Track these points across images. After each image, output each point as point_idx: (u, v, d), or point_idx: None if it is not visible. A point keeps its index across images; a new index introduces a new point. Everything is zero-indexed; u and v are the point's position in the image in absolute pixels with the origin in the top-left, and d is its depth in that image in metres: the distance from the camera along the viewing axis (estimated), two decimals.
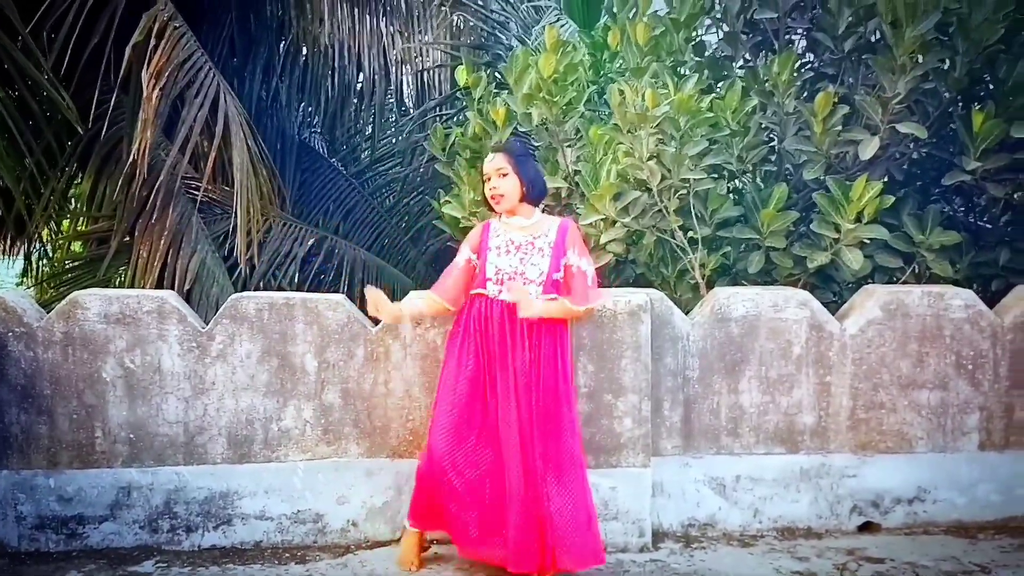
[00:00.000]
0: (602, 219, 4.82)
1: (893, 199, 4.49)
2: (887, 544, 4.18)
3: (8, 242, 7.68)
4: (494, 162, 3.73)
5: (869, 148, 4.58)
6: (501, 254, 3.72)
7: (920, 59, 4.57)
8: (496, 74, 7.05)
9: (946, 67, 4.74)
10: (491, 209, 3.85)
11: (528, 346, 3.62)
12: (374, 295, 3.70)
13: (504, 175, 3.70)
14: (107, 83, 6.02)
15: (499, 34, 8.66)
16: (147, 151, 5.56)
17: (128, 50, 5.60)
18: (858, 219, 4.45)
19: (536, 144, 5.77)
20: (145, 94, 5.53)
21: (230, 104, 6.12)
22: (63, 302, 4.01)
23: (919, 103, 4.86)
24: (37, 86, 5.88)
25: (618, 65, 5.94)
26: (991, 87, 4.94)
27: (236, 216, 5.91)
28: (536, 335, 3.64)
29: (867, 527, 4.34)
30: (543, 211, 3.91)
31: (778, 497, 4.31)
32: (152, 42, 5.66)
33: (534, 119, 5.26)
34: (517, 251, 3.71)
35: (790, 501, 4.31)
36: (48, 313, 4.03)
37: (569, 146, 5.33)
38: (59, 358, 3.95)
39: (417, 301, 3.80)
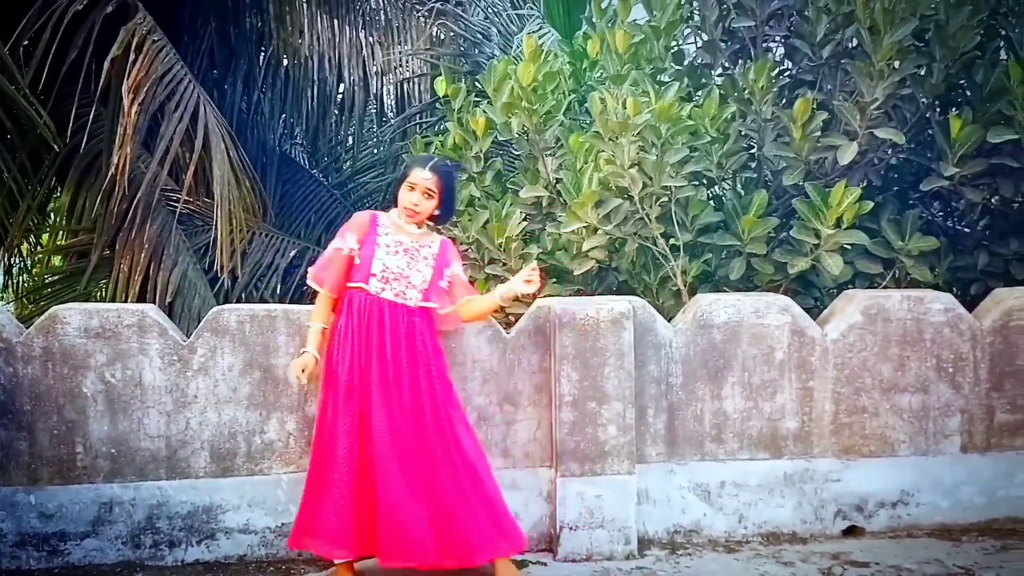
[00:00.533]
0: (584, 227, 4.82)
1: (872, 204, 4.52)
2: (871, 548, 4.20)
3: None
4: (428, 181, 3.75)
5: (848, 153, 4.61)
6: (390, 253, 3.74)
7: (897, 65, 4.61)
8: (476, 83, 7.06)
9: (923, 73, 4.78)
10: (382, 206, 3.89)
11: (411, 344, 3.68)
12: (301, 367, 3.74)
13: (430, 197, 3.77)
14: (86, 95, 6.01)
15: (480, 43, 8.68)
16: (127, 165, 5.54)
17: (107, 63, 5.58)
18: (837, 225, 4.46)
19: (516, 153, 5.78)
20: (124, 109, 5.51)
21: (210, 116, 6.11)
22: (43, 317, 3.98)
23: (897, 109, 4.89)
24: (13, 100, 5.85)
25: (598, 74, 5.96)
26: (968, 93, 4.98)
27: (217, 228, 5.89)
28: (417, 332, 3.71)
29: (851, 531, 4.36)
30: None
31: (763, 503, 4.32)
32: (131, 56, 5.65)
33: (514, 128, 5.27)
34: (405, 254, 3.76)
35: (774, 506, 4.32)
36: (28, 328, 4.00)
37: (550, 155, 5.34)
38: (39, 373, 3.92)
39: (319, 325, 3.78)
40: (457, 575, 3.70)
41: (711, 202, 5.05)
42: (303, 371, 3.72)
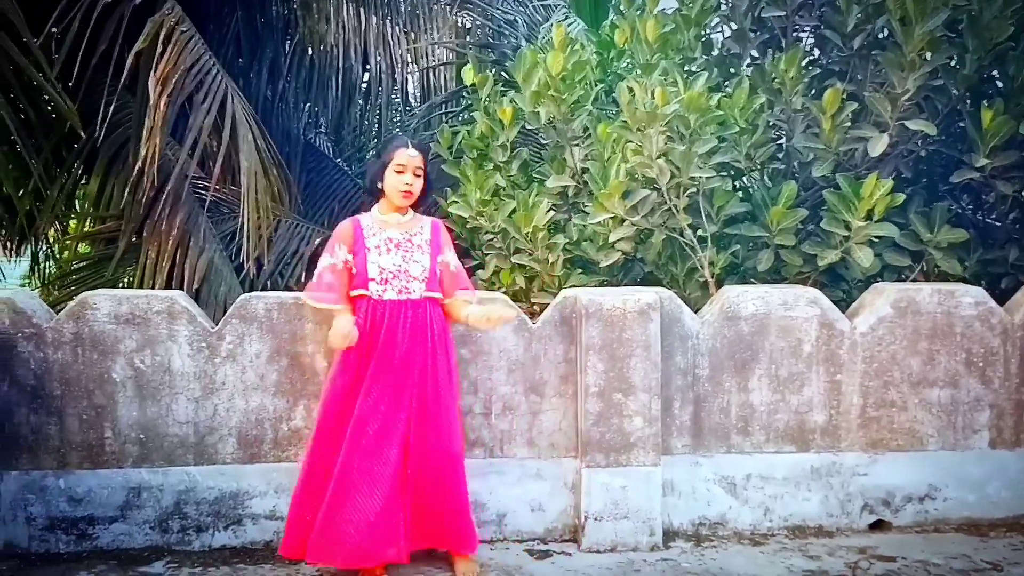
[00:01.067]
0: (611, 217, 4.80)
1: (904, 197, 4.47)
2: (898, 542, 4.18)
3: (14, 243, 7.70)
4: (416, 159, 3.72)
5: (878, 145, 4.56)
6: (382, 253, 3.70)
7: (929, 56, 4.55)
8: (503, 73, 7.04)
9: (955, 64, 4.72)
10: (377, 199, 3.85)
11: (417, 344, 3.65)
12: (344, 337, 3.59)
13: (419, 176, 3.75)
14: (114, 84, 6.02)
15: (506, 33, 8.65)
16: (155, 157, 5.55)
17: (131, 56, 5.58)
18: (868, 217, 4.43)
19: (544, 142, 5.76)
20: (151, 101, 5.51)
21: (238, 106, 6.12)
22: (72, 303, 4.01)
23: (928, 100, 4.84)
24: (41, 89, 5.88)
25: (625, 63, 5.93)
26: (1000, 84, 4.92)
27: (245, 217, 5.91)
28: (424, 324, 3.68)
29: (878, 525, 4.33)
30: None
31: (789, 496, 4.30)
32: (159, 48, 5.64)
33: (542, 117, 5.25)
34: (397, 249, 3.72)
35: (801, 500, 4.30)
36: (57, 314, 4.04)
37: (577, 145, 5.32)
38: (69, 359, 3.95)
39: (350, 316, 3.69)
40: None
41: (738, 193, 5.01)
42: (345, 335, 3.56)
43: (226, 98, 6.07)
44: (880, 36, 4.96)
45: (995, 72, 4.90)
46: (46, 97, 5.95)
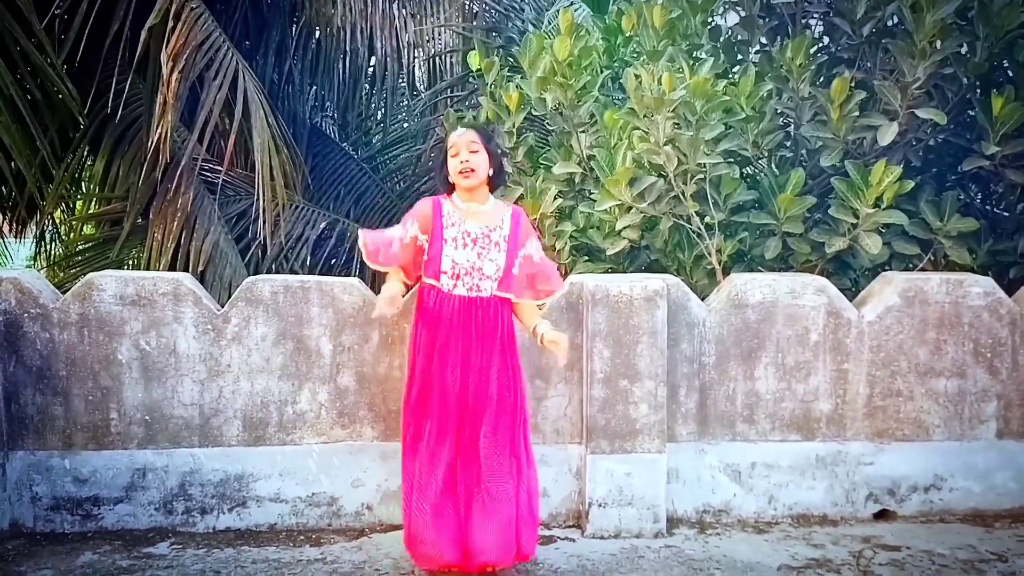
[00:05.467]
0: (618, 205, 4.78)
1: (912, 184, 4.45)
2: (903, 532, 4.17)
3: (19, 224, 7.69)
4: (466, 136, 3.60)
5: (887, 134, 4.54)
6: (458, 247, 3.56)
7: (940, 44, 4.53)
8: (509, 58, 7.01)
9: (966, 53, 4.69)
10: (450, 192, 3.72)
11: (486, 339, 3.56)
12: (392, 303, 3.54)
13: (475, 151, 3.59)
14: (123, 65, 6.01)
15: (512, 17, 8.61)
16: (168, 135, 5.53)
17: (144, 33, 5.56)
18: (877, 204, 4.41)
19: (550, 128, 5.74)
20: (164, 76, 5.48)
21: (249, 84, 6.09)
22: (79, 283, 4.01)
23: (938, 88, 4.81)
24: (43, 71, 5.87)
25: (632, 49, 5.90)
26: (1011, 73, 4.89)
27: (259, 197, 5.89)
28: (491, 325, 3.57)
29: (883, 515, 4.33)
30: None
31: (793, 484, 4.29)
32: (170, 24, 5.62)
33: (548, 103, 5.22)
34: (474, 245, 3.57)
35: (805, 488, 4.30)
36: (63, 295, 4.03)
37: (583, 131, 5.30)
38: (75, 339, 3.95)
39: (399, 285, 3.63)
40: None
41: (745, 180, 4.99)
42: (389, 300, 3.52)
43: (237, 75, 6.04)
44: (890, 24, 4.93)
45: (1006, 61, 4.88)
46: (47, 80, 5.92)
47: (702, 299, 4.34)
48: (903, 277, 4.34)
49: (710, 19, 5.38)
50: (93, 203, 8.24)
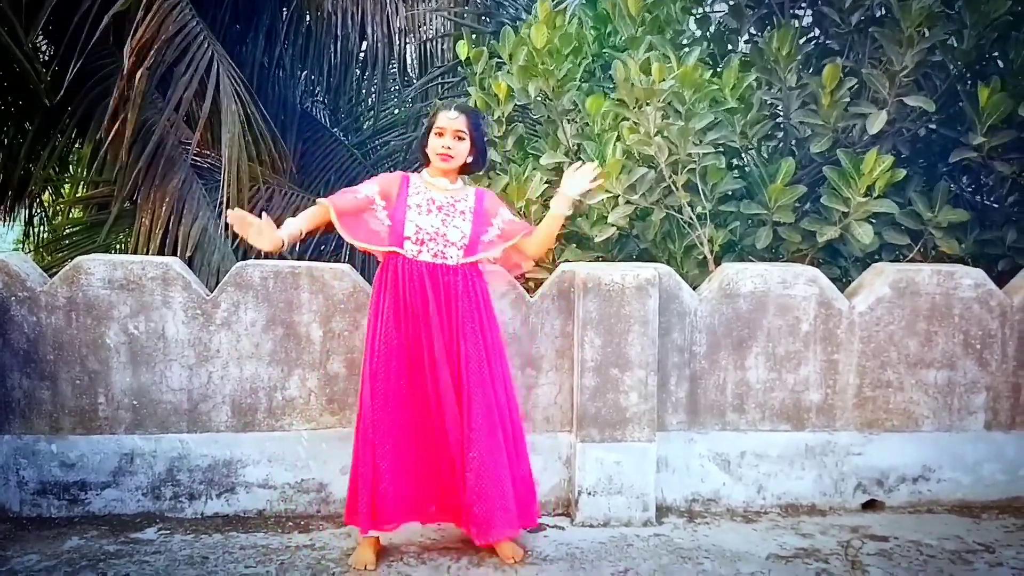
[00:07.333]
0: (609, 196, 4.75)
1: (904, 173, 4.45)
2: (891, 522, 4.18)
3: (7, 207, 7.64)
4: (456, 121, 3.58)
5: (876, 122, 4.54)
6: (422, 212, 3.57)
7: (927, 32, 4.52)
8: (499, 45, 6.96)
9: (954, 41, 4.69)
10: (426, 164, 3.71)
11: (452, 305, 3.56)
12: (238, 216, 3.44)
13: (461, 138, 3.60)
14: (107, 47, 5.95)
15: (505, 3, 8.56)
16: (132, 128, 5.44)
17: (107, 19, 5.44)
18: (868, 193, 4.41)
19: (535, 117, 5.70)
20: (125, 70, 5.34)
21: (223, 77, 6.01)
22: (67, 267, 3.98)
23: (927, 77, 4.82)
24: (35, 50, 5.80)
25: (620, 38, 5.87)
26: (1000, 63, 4.90)
27: (224, 189, 5.85)
28: (460, 292, 3.57)
29: (871, 505, 4.34)
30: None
31: (782, 474, 4.30)
32: (139, 14, 5.48)
33: (531, 92, 5.18)
34: (439, 211, 3.59)
35: (794, 478, 4.30)
36: (51, 278, 4.00)
37: (568, 120, 5.26)
38: (62, 323, 3.92)
39: (297, 222, 3.56)
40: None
41: (733, 171, 4.98)
42: (249, 233, 3.45)
43: (211, 68, 5.95)
44: (879, 13, 4.92)
45: (995, 51, 4.88)
46: (42, 59, 5.86)
47: (693, 289, 4.34)
48: (894, 268, 4.34)
49: (694, 8, 5.34)
50: (81, 187, 8.19)
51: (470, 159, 3.68)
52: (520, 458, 3.72)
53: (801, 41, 4.96)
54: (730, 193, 4.80)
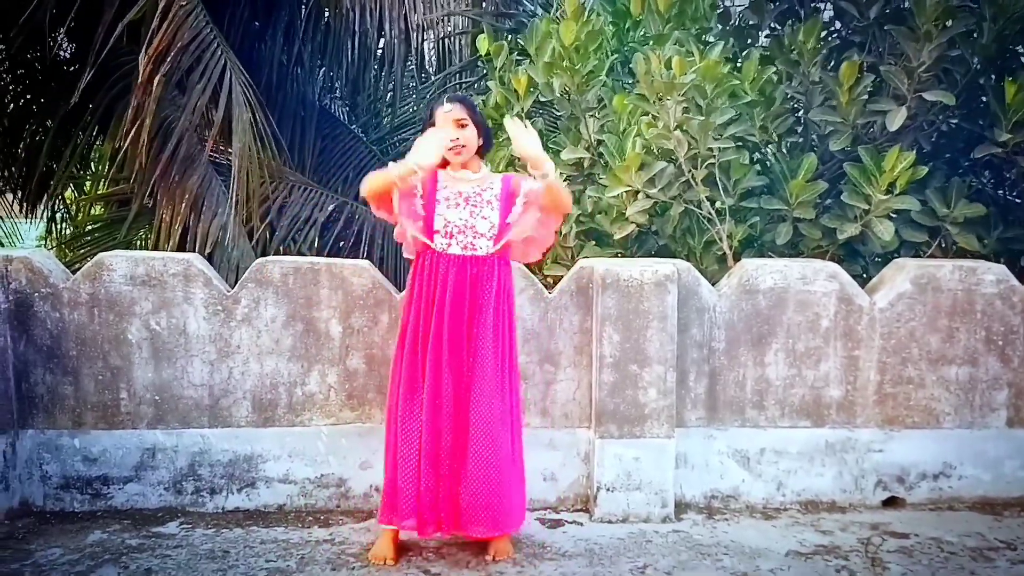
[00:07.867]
0: (628, 191, 4.75)
1: (926, 170, 4.42)
2: (912, 519, 4.16)
3: (30, 204, 7.71)
4: (453, 112, 3.57)
5: (896, 119, 4.51)
6: (450, 206, 3.58)
7: (945, 26, 4.49)
8: (519, 42, 6.96)
9: (974, 34, 4.65)
10: (444, 166, 3.66)
11: (478, 296, 3.55)
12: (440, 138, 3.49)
13: (464, 125, 3.58)
14: (127, 44, 5.99)
15: (522, 1, 8.55)
16: (150, 132, 5.47)
17: (120, 27, 5.46)
18: (889, 190, 4.38)
19: (558, 113, 5.69)
20: (140, 79, 5.37)
21: (235, 85, 6.03)
22: (89, 263, 4.01)
23: (947, 72, 4.77)
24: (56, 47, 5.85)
25: (641, 33, 5.85)
26: (1023, 58, 4.85)
27: (233, 197, 5.87)
28: (485, 282, 3.55)
29: (892, 502, 4.32)
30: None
31: (802, 470, 4.28)
32: (155, 22, 5.51)
33: (555, 88, 5.19)
34: (467, 204, 3.59)
35: (814, 475, 4.29)
36: (73, 274, 4.03)
37: (592, 116, 5.26)
38: (85, 319, 3.95)
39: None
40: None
41: (755, 166, 4.96)
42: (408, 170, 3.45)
43: (224, 75, 5.98)
44: (898, 6, 4.88)
45: (1017, 44, 4.83)
46: (63, 56, 5.90)
47: (712, 284, 4.32)
48: (915, 263, 4.31)
49: (718, 2, 5.32)
50: (102, 183, 8.25)
51: (480, 142, 3.67)
52: (516, 458, 3.69)
53: (823, 35, 4.93)
54: (750, 188, 4.78)
